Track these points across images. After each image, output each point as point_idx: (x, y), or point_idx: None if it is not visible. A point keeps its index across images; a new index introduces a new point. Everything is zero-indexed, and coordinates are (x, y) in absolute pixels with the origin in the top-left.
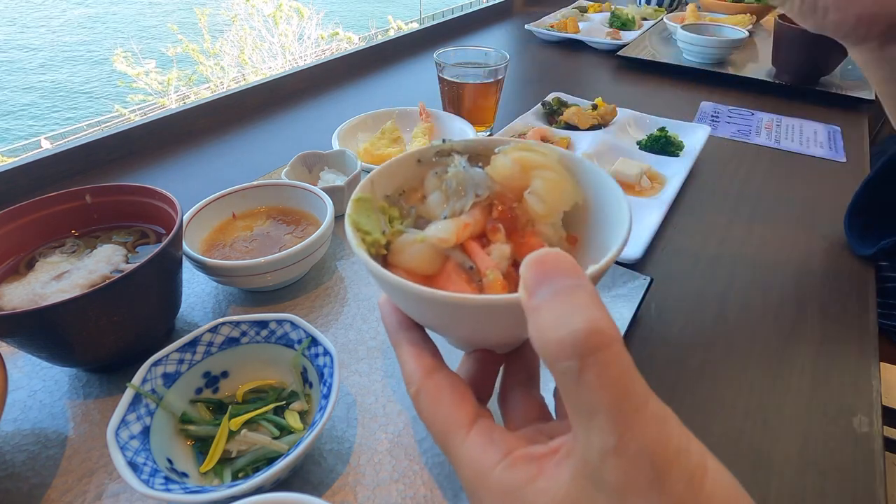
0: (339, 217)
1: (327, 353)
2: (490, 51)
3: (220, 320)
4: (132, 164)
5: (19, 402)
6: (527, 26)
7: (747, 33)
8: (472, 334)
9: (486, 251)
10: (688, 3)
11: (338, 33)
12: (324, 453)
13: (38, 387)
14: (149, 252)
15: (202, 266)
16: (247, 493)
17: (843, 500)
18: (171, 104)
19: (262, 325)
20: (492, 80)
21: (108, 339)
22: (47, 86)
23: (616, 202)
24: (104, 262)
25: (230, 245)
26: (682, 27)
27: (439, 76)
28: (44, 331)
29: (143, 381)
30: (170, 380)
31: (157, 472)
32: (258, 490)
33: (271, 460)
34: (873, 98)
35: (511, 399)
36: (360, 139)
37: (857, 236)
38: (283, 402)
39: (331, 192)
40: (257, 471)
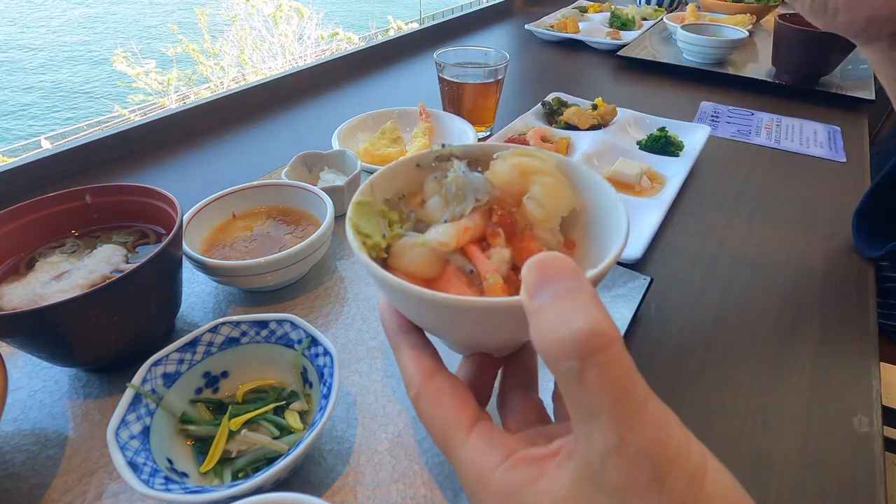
0: (339, 217)
1: (327, 353)
2: (490, 51)
3: (220, 320)
4: (132, 164)
5: (19, 402)
6: (527, 26)
7: (747, 33)
8: (472, 337)
9: (486, 255)
10: (688, 3)
11: (338, 33)
12: (324, 453)
13: (38, 387)
14: (149, 252)
15: (202, 266)
16: (247, 493)
17: (843, 500)
18: (171, 104)
19: (262, 325)
20: (492, 80)
21: (108, 339)
22: (47, 86)
23: (613, 207)
24: (104, 262)
25: (230, 245)
26: (682, 27)
27: (439, 76)
28: (44, 331)
29: (143, 381)
30: (170, 380)
31: (157, 472)
32: (258, 490)
33: (271, 460)
34: (873, 98)
35: (510, 402)
36: (360, 139)
37: (864, 239)
38: (283, 402)
39: (331, 192)
40: (257, 471)
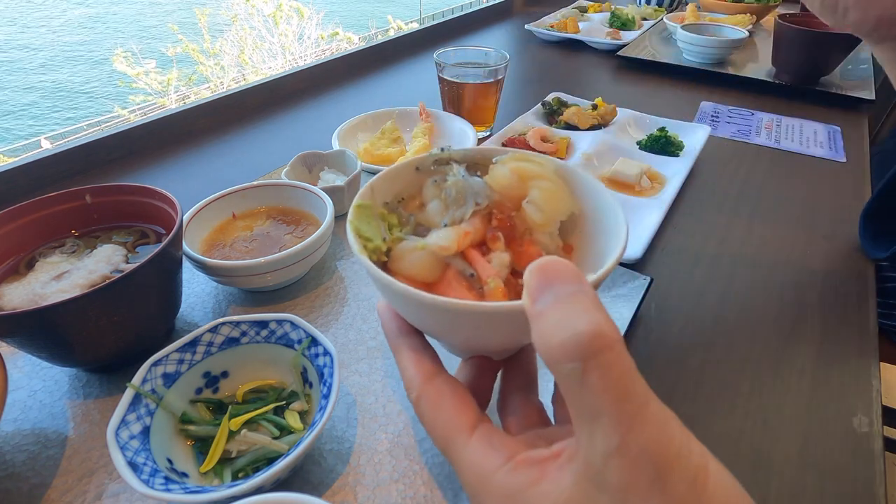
0: (339, 217)
1: (327, 353)
2: (490, 51)
3: (220, 320)
4: (132, 164)
5: (19, 402)
6: (527, 26)
7: (747, 33)
8: (472, 341)
9: (486, 259)
10: (688, 3)
11: (338, 33)
12: (324, 453)
13: (38, 387)
14: (149, 252)
15: (202, 266)
16: (247, 493)
17: (843, 500)
18: (171, 104)
19: (262, 325)
20: (492, 80)
21: (108, 339)
22: (48, 86)
23: (611, 211)
24: (104, 262)
25: (230, 245)
26: (682, 27)
27: (439, 76)
28: (44, 331)
29: (143, 381)
30: (170, 380)
31: (157, 472)
32: (258, 490)
33: (271, 460)
34: (873, 98)
35: (510, 404)
36: (360, 139)
37: (870, 240)
38: (283, 402)
39: (331, 192)
40: (257, 471)
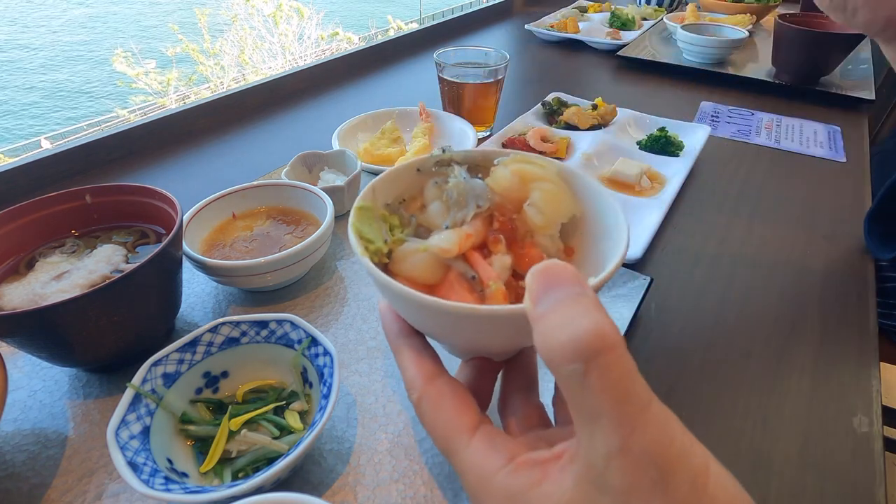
0: (339, 217)
1: (327, 353)
2: (490, 51)
3: (220, 320)
4: (132, 164)
5: (19, 402)
6: (527, 26)
7: (747, 33)
8: (474, 343)
9: (487, 262)
10: (688, 3)
11: (338, 33)
12: (324, 453)
13: (38, 387)
14: (149, 252)
15: (202, 266)
16: (247, 493)
17: (843, 500)
18: (171, 104)
19: (262, 325)
20: (492, 80)
21: (108, 339)
22: (48, 86)
23: (613, 214)
24: (104, 262)
25: (230, 245)
26: (682, 27)
27: (439, 76)
28: (44, 331)
29: (143, 381)
30: (170, 380)
31: (157, 472)
32: (258, 490)
33: (271, 460)
34: (873, 98)
35: (511, 405)
36: (360, 139)
37: (876, 241)
38: (283, 402)
39: (331, 192)
40: (257, 471)
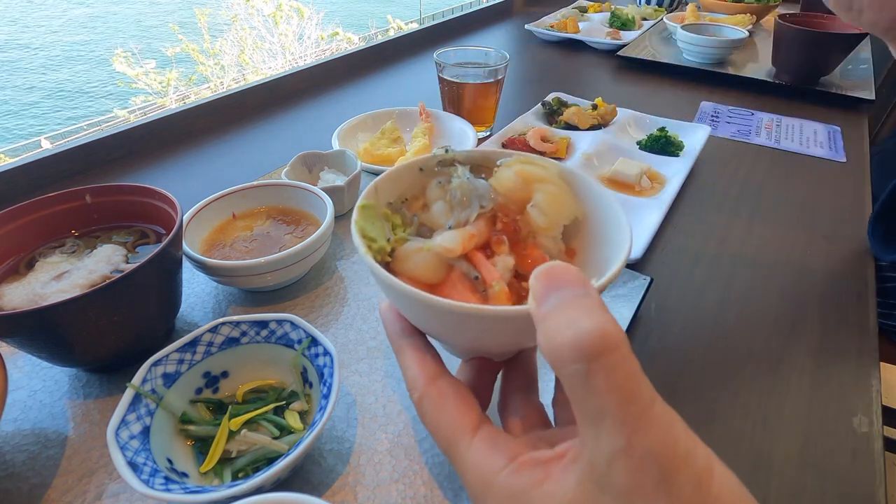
0: (339, 217)
1: (327, 353)
2: (490, 51)
3: (220, 320)
4: (132, 164)
5: (19, 402)
6: (527, 26)
7: (747, 33)
8: (476, 343)
9: (490, 262)
10: (688, 3)
11: (338, 33)
12: (324, 453)
13: (38, 387)
14: (149, 252)
15: (202, 266)
16: (247, 493)
17: (843, 500)
18: (171, 104)
19: (262, 325)
20: (492, 80)
21: (108, 339)
22: (48, 86)
23: (615, 216)
24: (104, 262)
25: (230, 245)
26: (682, 27)
27: (439, 76)
28: (44, 331)
29: (143, 381)
30: (170, 380)
31: (157, 472)
32: (258, 490)
33: (271, 460)
34: (873, 98)
35: (511, 405)
36: (360, 139)
37: (879, 242)
38: (283, 402)
39: (331, 192)
40: (257, 471)
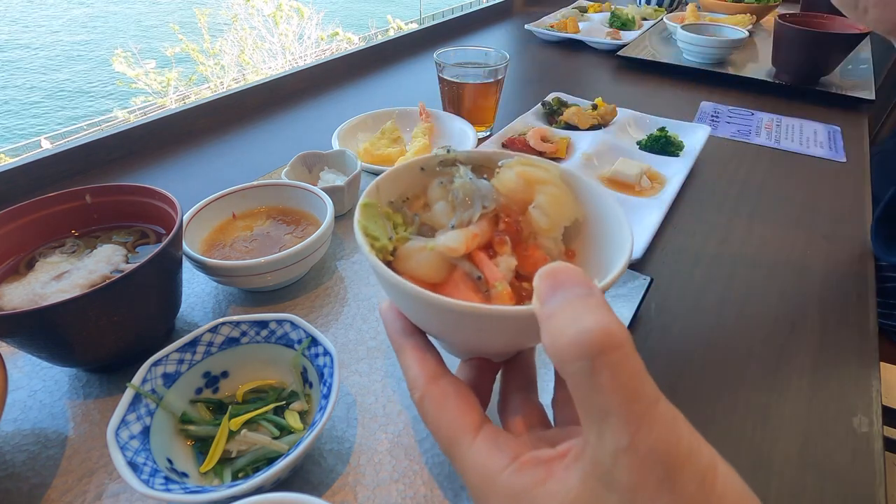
0: (339, 217)
1: (327, 353)
2: (490, 51)
3: (220, 320)
4: (132, 164)
5: (19, 402)
6: (527, 26)
7: (747, 33)
8: (477, 342)
9: (493, 262)
10: (688, 3)
11: (338, 33)
12: (324, 453)
13: (38, 387)
14: (149, 252)
15: (202, 266)
16: (247, 493)
17: (843, 500)
18: (171, 104)
19: (262, 325)
20: (492, 80)
21: (108, 339)
22: (49, 86)
23: (615, 218)
24: (104, 262)
25: (230, 245)
26: (682, 27)
27: (439, 76)
28: (44, 331)
29: (143, 381)
30: (170, 380)
31: (157, 472)
32: (258, 490)
33: (271, 460)
34: (873, 98)
35: (511, 404)
36: (360, 139)
37: (882, 243)
38: (283, 402)
39: (331, 192)
40: (257, 471)
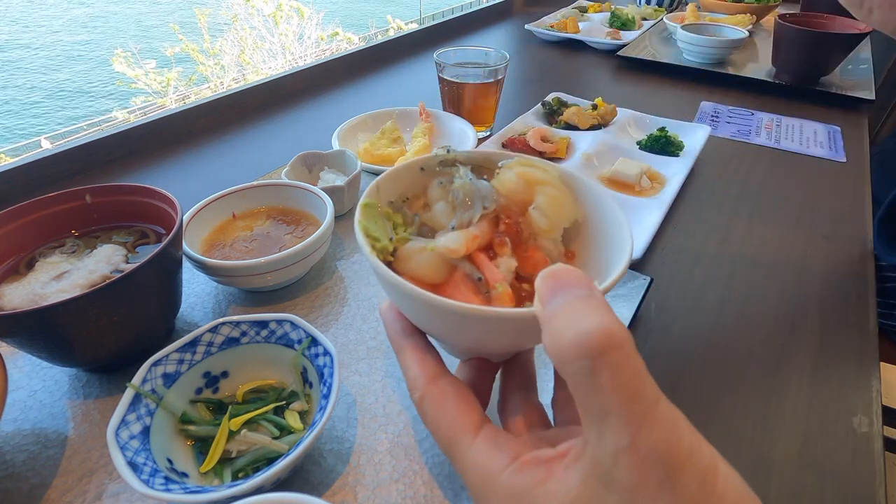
0: (339, 217)
1: (327, 353)
2: (490, 51)
3: (220, 320)
4: (132, 164)
5: (19, 402)
6: (527, 26)
7: (747, 33)
8: (478, 343)
9: (493, 263)
10: (688, 3)
11: (338, 33)
12: (324, 453)
13: (38, 387)
14: (149, 252)
15: (202, 266)
16: (247, 493)
17: (843, 500)
18: (171, 104)
19: (262, 325)
20: (492, 80)
21: (108, 339)
22: (49, 86)
23: (615, 220)
24: (104, 262)
25: (230, 245)
26: (682, 27)
27: (439, 76)
28: (44, 331)
29: (143, 381)
30: (170, 380)
31: (157, 472)
32: (258, 490)
33: (271, 460)
34: (873, 98)
35: (511, 404)
36: (360, 139)
37: (885, 244)
38: (283, 402)
39: (331, 192)
40: (257, 471)
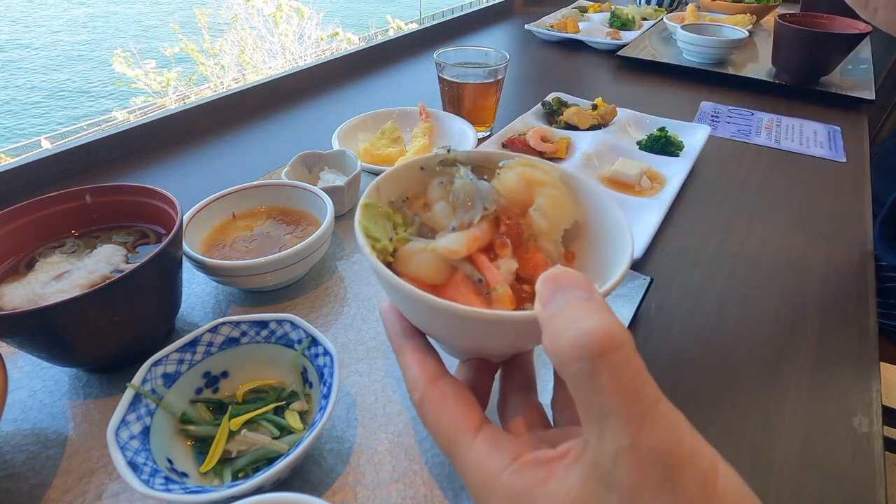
0: (339, 217)
1: (327, 353)
2: (490, 51)
3: (220, 320)
4: (132, 164)
5: (19, 402)
6: (527, 26)
7: (747, 33)
8: (479, 345)
9: (494, 265)
10: (688, 3)
11: (338, 33)
12: (324, 453)
13: (38, 387)
14: (149, 252)
15: (202, 266)
16: (247, 493)
17: (843, 500)
18: (171, 104)
19: (262, 325)
20: (492, 80)
21: (108, 339)
22: (49, 86)
23: (615, 221)
24: (104, 262)
25: (230, 245)
26: (682, 27)
27: (439, 76)
28: (44, 331)
29: (143, 381)
30: (170, 380)
31: (157, 472)
32: (258, 490)
33: (271, 460)
34: (873, 98)
35: (510, 404)
36: (360, 139)
37: (886, 245)
38: (283, 402)
39: (331, 192)
40: (257, 471)
